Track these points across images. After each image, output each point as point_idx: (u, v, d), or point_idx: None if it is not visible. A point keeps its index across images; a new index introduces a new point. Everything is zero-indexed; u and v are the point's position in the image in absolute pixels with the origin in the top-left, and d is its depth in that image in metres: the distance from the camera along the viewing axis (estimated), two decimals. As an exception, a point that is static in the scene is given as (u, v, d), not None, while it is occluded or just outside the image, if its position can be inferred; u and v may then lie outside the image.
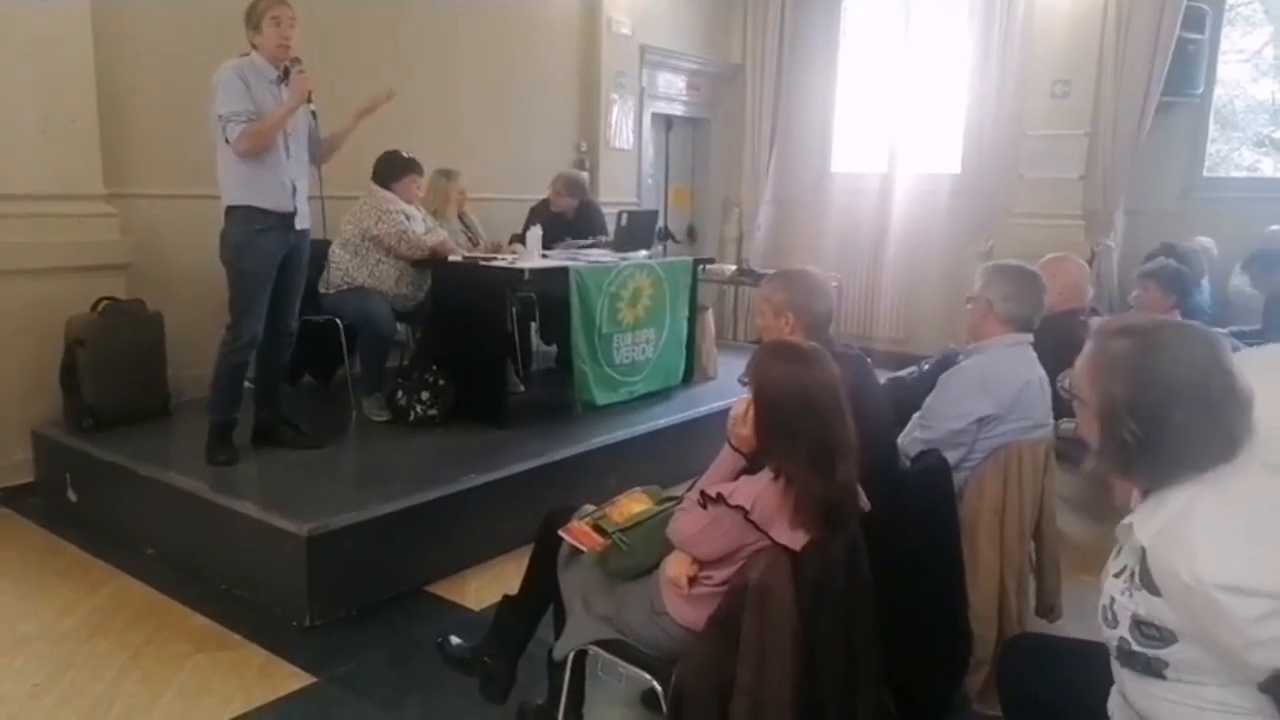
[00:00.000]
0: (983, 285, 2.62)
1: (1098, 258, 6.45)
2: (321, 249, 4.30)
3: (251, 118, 3.36)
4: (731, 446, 2.05)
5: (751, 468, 1.95)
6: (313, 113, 3.60)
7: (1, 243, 3.86)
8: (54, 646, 2.81)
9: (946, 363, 2.95)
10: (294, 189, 3.55)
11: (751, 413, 1.93)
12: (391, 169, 4.42)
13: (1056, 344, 2.69)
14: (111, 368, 3.94)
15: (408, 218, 4.37)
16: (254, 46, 3.46)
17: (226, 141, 3.36)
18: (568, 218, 5.55)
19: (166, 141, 4.36)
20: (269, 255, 3.53)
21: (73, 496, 3.87)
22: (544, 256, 4.63)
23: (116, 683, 2.61)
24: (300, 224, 3.63)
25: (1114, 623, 1.42)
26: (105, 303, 4.06)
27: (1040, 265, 3.02)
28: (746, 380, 1.96)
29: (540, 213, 5.55)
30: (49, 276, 4.01)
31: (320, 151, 3.75)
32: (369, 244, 4.30)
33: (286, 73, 3.50)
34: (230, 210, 3.48)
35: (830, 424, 1.84)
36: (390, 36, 5.37)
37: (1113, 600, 1.43)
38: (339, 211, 4.30)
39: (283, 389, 3.97)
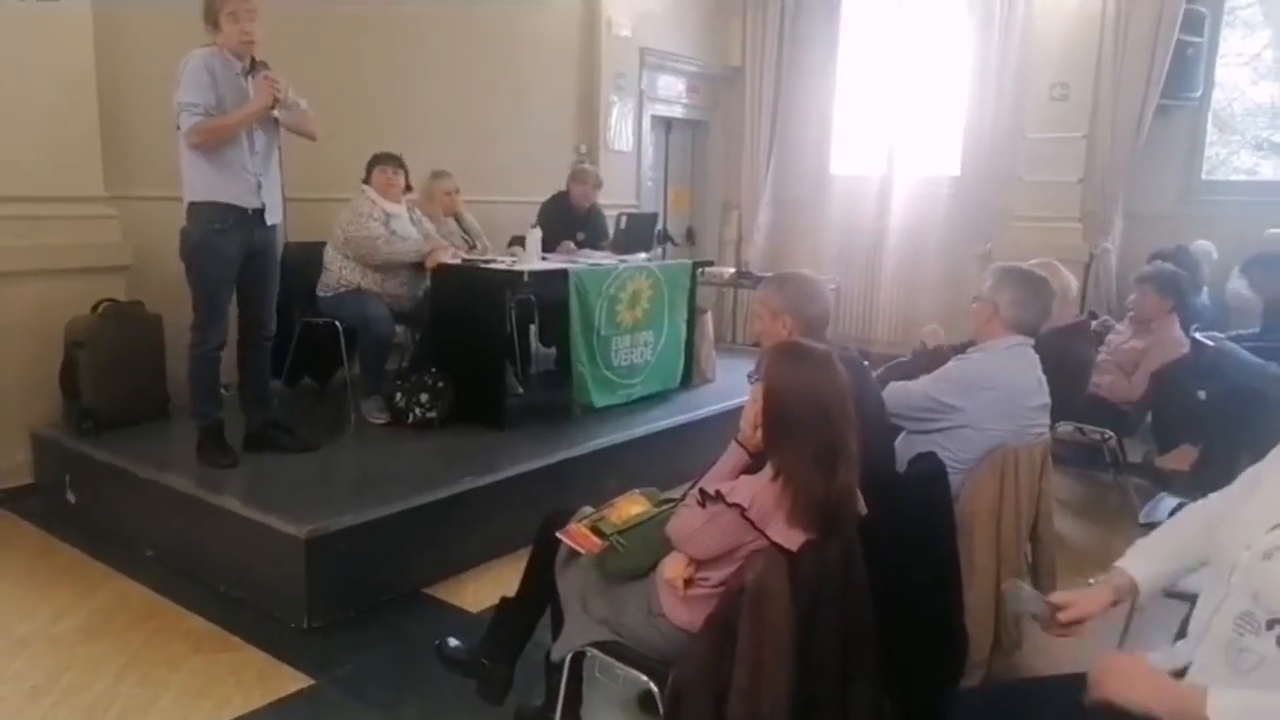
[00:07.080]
0: (991, 288, 2.63)
1: (1096, 260, 6.47)
2: (316, 251, 4.31)
3: (210, 112, 3.26)
4: (737, 442, 2.06)
5: (754, 467, 1.97)
6: (274, 119, 3.46)
7: (2, 244, 3.86)
8: (52, 648, 2.81)
9: (925, 355, 2.97)
10: (259, 184, 3.43)
11: (760, 412, 1.94)
12: (369, 164, 4.40)
13: (1058, 358, 2.69)
14: (111, 369, 3.94)
15: (388, 216, 4.31)
16: (215, 43, 3.34)
17: (178, 129, 3.26)
18: (582, 212, 5.55)
19: (167, 144, 4.25)
20: (228, 258, 3.41)
21: (72, 498, 3.87)
22: (543, 259, 4.64)
23: (114, 685, 2.61)
24: (270, 219, 3.52)
25: None
26: (105, 304, 4.06)
27: None
28: (757, 378, 1.97)
29: (556, 204, 5.55)
30: (49, 278, 4.01)
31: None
32: (350, 246, 4.27)
33: (254, 64, 3.37)
34: (192, 206, 3.38)
35: (838, 427, 1.86)
36: (389, 37, 5.37)
37: None
38: (326, 213, 4.29)
39: (270, 392, 3.89)
